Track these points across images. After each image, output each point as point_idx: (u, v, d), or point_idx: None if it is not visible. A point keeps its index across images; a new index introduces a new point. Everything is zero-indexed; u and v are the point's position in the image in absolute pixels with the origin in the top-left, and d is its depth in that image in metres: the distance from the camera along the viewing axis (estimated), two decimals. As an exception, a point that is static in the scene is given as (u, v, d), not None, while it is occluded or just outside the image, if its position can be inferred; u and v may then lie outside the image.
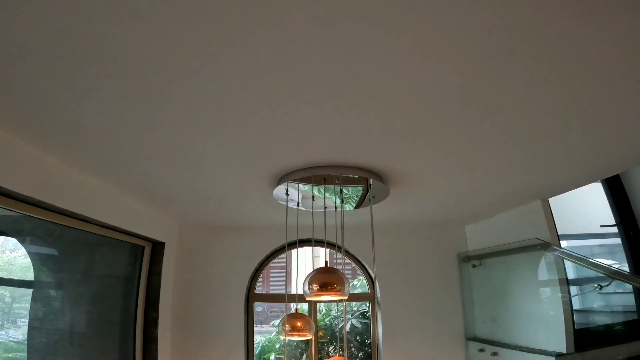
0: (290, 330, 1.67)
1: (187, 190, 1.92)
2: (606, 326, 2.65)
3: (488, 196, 2.10)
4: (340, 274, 1.46)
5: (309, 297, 1.46)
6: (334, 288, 1.43)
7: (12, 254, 2.41)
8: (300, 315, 1.70)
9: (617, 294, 2.95)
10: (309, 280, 1.45)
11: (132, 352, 2.41)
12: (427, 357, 2.76)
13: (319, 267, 1.48)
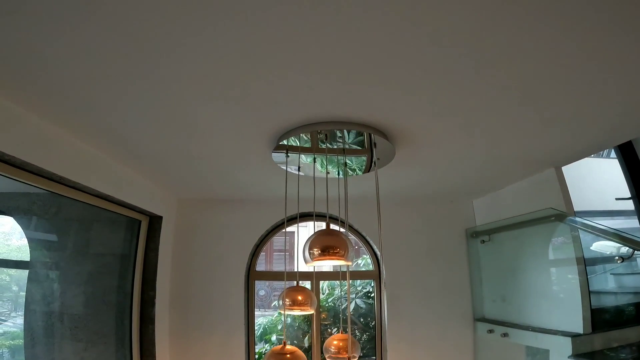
0: (290, 304, 1.57)
1: (183, 157, 1.83)
2: (622, 307, 2.53)
3: (498, 162, 1.99)
4: (344, 237, 1.36)
5: (310, 262, 1.36)
6: (336, 252, 1.33)
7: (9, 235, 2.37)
8: (301, 288, 1.60)
9: (630, 275, 2.84)
10: (309, 243, 1.35)
11: (128, 333, 2.34)
12: (433, 339, 2.66)
13: (320, 229, 1.38)
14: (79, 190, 1.79)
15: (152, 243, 2.36)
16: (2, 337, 2.35)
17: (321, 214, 2.57)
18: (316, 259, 1.33)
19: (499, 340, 2.47)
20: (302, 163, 1.84)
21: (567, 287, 2.12)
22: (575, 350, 1.93)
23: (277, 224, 2.66)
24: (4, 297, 2.43)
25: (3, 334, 2.35)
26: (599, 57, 1.05)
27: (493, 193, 2.56)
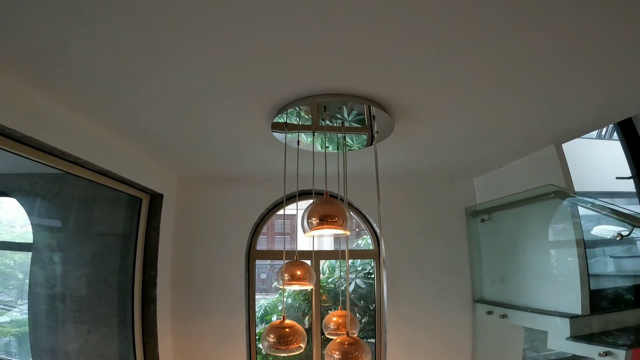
0: (289, 279, 1.58)
1: (183, 133, 1.84)
2: (621, 290, 2.53)
3: (498, 138, 1.98)
4: (342, 206, 1.36)
5: (308, 232, 1.36)
6: (334, 222, 1.33)
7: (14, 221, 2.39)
8: (300, 263, 1.60)
9: (629, 258, 2.84)
10: (307, 212, 1.35)
11: (130, 314, 2.37)
12: (433, 320, 2.67)
13: (318, 198, 1.38)
14: (80, 165, 1.81)
15: (153, 222, 2.37)
16: (9, 325, 2.38)
17: (320, 191, 2.56)
18: (314, 228, 1.33)
19: (497, 322, 2.47)
20: (302, 143, 1.85)
21: (566, 267, 2.12)
22: (573, 332, 1.95)
23: (277, 202, 2.67)
24: (10, 285, 2.45)
25: (10, 322, 2.38)
26: (599, 34, 1.05)
27: (493, 171, 2.54)
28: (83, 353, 2.36)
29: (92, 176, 1.94)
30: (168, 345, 2.54)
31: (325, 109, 1.58)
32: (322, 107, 1.56)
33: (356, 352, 1.33)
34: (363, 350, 1.33)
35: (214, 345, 2.61)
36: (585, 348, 1.88)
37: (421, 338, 2.67)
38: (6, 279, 2.47)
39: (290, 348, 1.44)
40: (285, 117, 1.61)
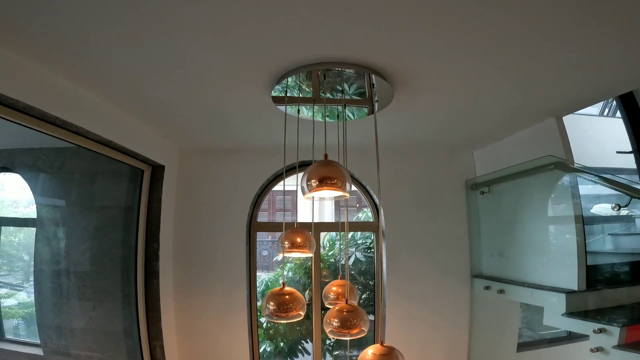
0: (289, 246, 1.58)
1: (184, 104, 1.85)
2: (618, 266, 2.55)
3: (499, 110, 1.98)
4: (341, 168, 1.37)
5: (308, 194, 1.37)
6: (334, 183, 1.34)
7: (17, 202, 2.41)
8: (300, 230, 1.60)
9: (627, 236, 2.85)
10: (307, 175, 1.35)
11: (134, 289, 2.40)
12: (431, 295, 2.70)
13: (318, 160, 1.39)
14: (82, 135, 1.82)
15: (154, 194, 2.39)
16: (17, 307, 2.41)
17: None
18: (314, 190, 1.34)
19: (495, 298, 2.49)
20: (302, 114, 1.85)
21: (564, 242, 2.13)
22: (568, 308, 1.97)
23: (278, 174, 2.68)
24: (16, 267, 2.48)
25: (18, 304, 2.41)
26: (600, 6, 1.05)
27: (493, 144, 2.54)
28: (88, 330, 2.40)
29: (94, 146, 1.95)
30: (171, 319, 2.58)
31: (325, 77, 1.58)
32: (322, 76, 1.56)
33: (355, 320, 1.34)
34: (361, 317, 1.34)
35: (216, 319, 2.65)
36: (580, 324, 1.90)
37: (420, 312, 2.70)
38: (12, 260, 2.49)
39: (289, 315, 1.44)
40: (285, 87, 1.61)
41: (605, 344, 1.78)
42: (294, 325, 3.40)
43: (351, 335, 1.34)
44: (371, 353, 1.32)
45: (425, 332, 2.71)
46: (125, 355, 2.49)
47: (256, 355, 2.80)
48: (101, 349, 2.42)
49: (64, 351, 2.36)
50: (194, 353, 2.66)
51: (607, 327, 1.78)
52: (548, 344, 3.33)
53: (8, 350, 2.27)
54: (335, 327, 1.34)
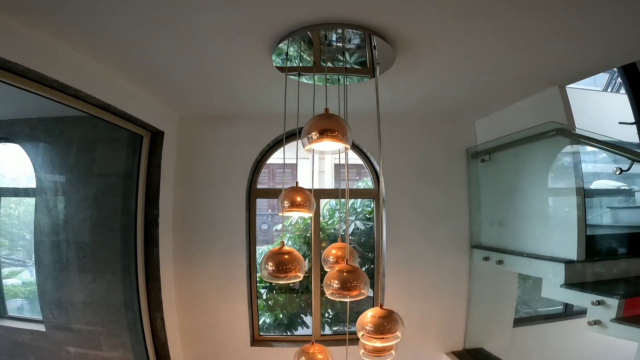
0: (289, 205, 1.56)
1: (183, 68, 1.83)
2: (617, 239, 2.54)
3: (501, 77, 1.95)
4: (342, 120, 1.36)
5: (308, 146, 1.36)
6: (335, 135, 1.33)
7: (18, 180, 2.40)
8: (300, 189, 1.57)
9: (626, 210, 2.84)
10: (307, 127, 1.34)
11: (134, 259, 2.40)
12: (430, 265, 2.71)
13: (318, 114, 1.38)
14: (81, 99, 1.81)
15: (154, 159, 2.38)
16: (21, 286, 2.41)
17: None
18: (314, 142, 1.33)
19: (494, 269, 2.49)
20: (303, 80, 1.84)
21: (564, 211, 2.13)
22: (567, 279, 1.96)
23: (278, 139, 2.66)
24: (18, 245, 2.47)
25: (22, 284, 2.41)
26: None
27: (495, 113, 2.52)
28: (89, 303, 2.41)
29: (92, 110, 1.94)
30: (171, 290, 2.59)
31: (326, 38, 1.56)
32: (323, 37, 1.54)
33: (355, 281, 1.32)
34: (362, 279, 1.32)
35: (215, 289, 2.66)
36: (579, 296, 1.90)
37: (418, 283, 2.71)
38: (14, 239, 2.49)
39: (289, 276, 1.42)
40: (286, 50, 1.58)
41: (603, 316, 1.78)
42: (293, 298, 3.42)
43: (351, 297, 1.32)
44: (370, 315, 1.33)
45: (424, 303, 2.73)
46: (126, 328, 2.51)
47: (256, 325, 2.82)
48: (102, 323, 2.44)
49: (66, 326, 2.38)
50: (194, 324, 2.68)
51: (605, 300, 1.77)
52: (544, 320, 3.36)
53: (11, 328, 2.30)
54: (335, 288, 1.32)
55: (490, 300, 2.78)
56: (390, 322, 1.30)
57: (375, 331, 1.28)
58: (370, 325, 1.29)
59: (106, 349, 2.45)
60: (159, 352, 2.52)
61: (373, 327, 1.28)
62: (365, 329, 1.29)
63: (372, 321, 1.31)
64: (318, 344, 1.76)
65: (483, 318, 2.78)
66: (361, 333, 1.29)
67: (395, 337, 1.29)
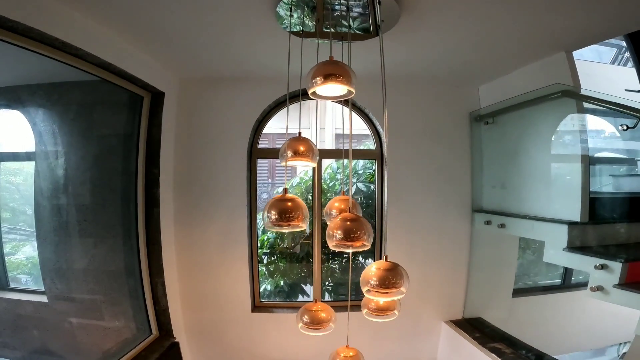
0: (292, 155, 1.55)
1: (184, 27, 1.79)
2: (620, 202, 2.52)
3: (507, 41, 1.92)
4: (346, 66, 1.33)
5: (312, 89, 1.33)
6: (339, 79, 1.31)
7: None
8: (303, 138, 1.54)
9: (629, 177, 2.83)
10: (312, 72, 1.32)
11: (134, 221, 2.38)
12: (431, 229, 2.70)
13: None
14: (81, 58, 1.80)
15: (154, 119, 2.35)
16: (25, 261, 2.38)
17: None
18: (319, 85, 1.31)
19: (495, 235, 2.47)
20: (306, 38, 1.79)
21: (567, 170, 2.11)
22: (570, 242, 1.94)
23: (280, 100, 2.63)
24: (20, 221, 2.44)
25: (25, 259, 2.39)
26: None
27: (500, 78, 2.48)
28: (90, 270, 2.40)
29: (93, 69, 1.91)
30: (172, 254, 2.58)
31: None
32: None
33: (358, 231, 1.27)
34: (365, 229, 1.27)
35: (216, 252, 2.65)
36: (581, 260, 1.86)
37: (419, 247, 2.71)
38: (16, 214, 2.46)
39: (292, 225, 1.39)
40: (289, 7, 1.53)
41: (605, 282, 1.74)
42: (294, 265, 3.43)
43: (354, 247, 1.28)
44: (375, 268, 1.31)
45: (425, 269, 2.74)
46: (127, 296, 2.50)
47: (257, 291, 2.83)
48: (103, 291, 2.43)
49: (68, 296, 2.36)
50: (195, 290, 2.68)
51: (608, 263, 1.73)
52: (543, 292, 3.39)
53: (14, 300, 2.25)
54: (338, 239, 1.28)
55: (490, 269, 2.79)
56: (396, 276, 1.27)
57: (380, 285, 1.24)
58: (375, 279, 1.25)
59: (108, 318, 2.45)
60: (160, 319, 2.52)
61: (378, 280, 1.24)
62: (370, 283, 1.25)
63: (377, 274, 1.27)
64: (321, 303, 1.76)
65: (483, 287, 2.80)
66: (366, 288, 1.25)
67: (400, 293, 1.26)
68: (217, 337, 2.71)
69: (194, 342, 2.71)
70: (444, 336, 2.78)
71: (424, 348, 2.82)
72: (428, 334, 2.81)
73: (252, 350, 2.72)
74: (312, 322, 1.69)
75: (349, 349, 1.73)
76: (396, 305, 1.62)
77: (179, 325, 2.62)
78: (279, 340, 2.72)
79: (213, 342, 2.72)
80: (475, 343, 2.43)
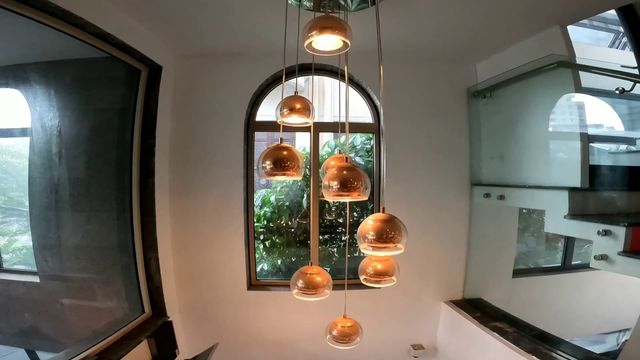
0: (288, 112, 1.53)
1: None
2: (620, 171, 2.49)
3: (503, 15, 1.94)
4: (342, 21, 1.31)
5: (308, 40, 1.31)
6: (334, 31, 1.28)
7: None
8: (299, 96, 1.54)
9: (628, 154, 2.81)
10: (309, 26, 1.30)
11: (128, 192, 2.35)
12: (430, 204, 2.68)
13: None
14: (80, 28, 1.81)
15: (152, 91, 2.35)
16: (23, 249, 2.34)
17: (320, 66, 2.54)
18: (315, 36, 1.27)
19: (494, 209, 2.44)
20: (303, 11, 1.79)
21: (566, 137, 2.10)
22: (571, 209, 1.90)
23: (278, 75, 2.62)
24: (14, 214, 2.42)
25: (22, 248, 2.36)
26: None
27: (496, 55, 2.49)
28: (83, 247, 2.36)
29: (92, 40, 1.92)
30: (166, 228, 2.55)
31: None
32: None
33: (355, 181, 1.23)
34: (362, 177, 1.23)
35: (212, 227, 2.62)
36: (584, 227, 1.82)
37: (418, 222, 2.70)
38: (12, 205, 2.43)
39: (287, 173, 1.35)
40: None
41: (610, 250, 1.67)
42: (292, 244, 3.39)
43: (351, 197, 1.24)
44: (372, 220, 1.26)
45: (424, 246, 2.71)
46: (120, 274, 2.46)
47: (253, 270, 2.79)
48: (96, 269, 2.39)
49: (60, 275, 2.33)
50: (189, 267, 2.64)
51: (611, 229, 1.67)
52: (543, 273, 3.35)
53: (6, 281, 2.22)
54: (335, 190, 1.23)
55: (490, 247, 2.76)
56: (393, 229, 1.21)
57: (377, 238, 1.19)
58: (372, 232, 1.19)
59: (100, 298, 2.40)
60: (153, 297, 2.47)
61: (375, 233, 1.19)
62: (367, 237, 1.20)
63: (374, 226, 1.22)
64: (317, 266, 1.72)
65: (483, 267, 2.77)
66: (363, 245, 1.21)
67: (397, 249, 1.21)
68: (211, 315, 2.66)
69: (188, 321, 2.66)
70: (444, 316, 2.74)
71: (424, 329, 2.77)
72: (427, 314, 2.77)
73: (247, 329, 2.67)
74: (307, 287, 1.63)
75: (346, 319, 1.69)
76: (394, 271, 1.57)
77: (172, 303, 2.57)
78: (275, 318, 2.67)
79: (207, 321, 2.67)
80: (477, 322, 2.39)
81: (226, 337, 2.66)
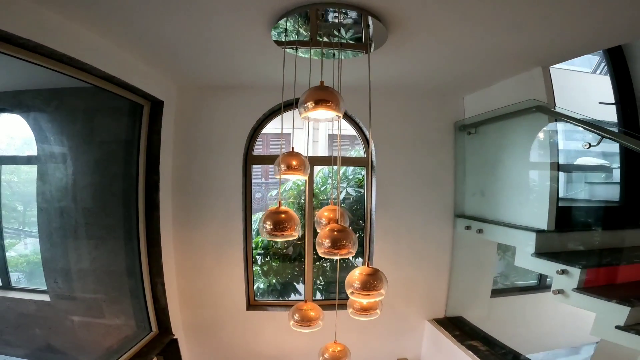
0: (285, 169, 1.70)
1: (183, 41, 1.89)
2: (589, 212, 2.70)
3: (488, 56, 2.06)
4: (336, 92, 1.46)
5: (304, 114, 1.47)
6: (329, 105, 1.44)
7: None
8: (295, 153, 1.71)
9: (603, 185, 3.00)
10: (304, 97, 1.45)
11: (135, 223, 2.50)
12: (416, 232, 2.87)
13: (314, 86, 1.48)
14: (86, 71, 1.92)
15: (155, 126, 2.47)
16: (23, 257, 2.46)
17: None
18: (310, 110, 1.42)
19: (474, 238, 2.65)
20: (300, 54, 1.92)
21: (538, 182, 2.27)
22: (537, 248, 2.11)
23: (274, 109, 2.76)
24: (20, 216, 2.51)
25: (24, 255, 2.46)
26: None
27: (483, 89, 2.64)
28: (92, 271, 2.50)
29: (97, 82, 2.03)
30: (170, 255, 2.72)
31: (323, 16, 1.64)
32: (320, 16, 1.61)
33: (344, 240, 1.44)
34: (350, 238, 1.44)
35: (213, 254, 2.80)
36: (546, 265, 2.04)
37: (405, 250, 2.88)
38: (15, 211, 2.52)
39: (285, 234, 1.54)
40: (284, 28, 1.65)
41: (566, 286, 1.92)
42: (287, 264, 3.58)
43: (340, 255, 1.45)
44: (358, 273, 1.46)
45: (409, 270, 2.91)
46: (127, 295, 2.62)
47: (251, 290, 2.98)
48: (105, 291, 2.55)
49: (70, 295, 2.46)
50: (192, 289, 2.83)
51: (568, 269, 1.91)
52: (519, 292, 3.60)
53: (16, 299, 2.34)
54: (326, 247, 1.45)
55: (470, 271, 2.97)
56: (376, 280, 1.43)
57: (362, 288, 1.40)
58: (358, 282, 1.41)
59: (109, 316, 2.56)
60: (159, 317, 2.66)
61: (360, 284, 1.40)
62: (353, 286, 1.41)
63: (359, 278, 1.43)
64: (311, 302, 1.91)
65: (463, 288, 2.98)
66: (350, 290, 1.41)
67: (380, 295, 1.41)
68: (213, 333, 2.86)
69: (191, 339, 2.86)
70: (427, 334, 2.96)
71: (409, 345, 3.00)
72: (413, 331, 2.99)
73: (247, 347, 2.88)
74: (303, 320, 1.87)
75: (337, 344, 1.90)
76: (378, 306, 1.79)
77: (177, 322, 2.76)
78: (272, 336, 2.88)
79: (210, 339, 2.87)
80: (455, 341, 2.62)
81: (227, 354, 2.88)
